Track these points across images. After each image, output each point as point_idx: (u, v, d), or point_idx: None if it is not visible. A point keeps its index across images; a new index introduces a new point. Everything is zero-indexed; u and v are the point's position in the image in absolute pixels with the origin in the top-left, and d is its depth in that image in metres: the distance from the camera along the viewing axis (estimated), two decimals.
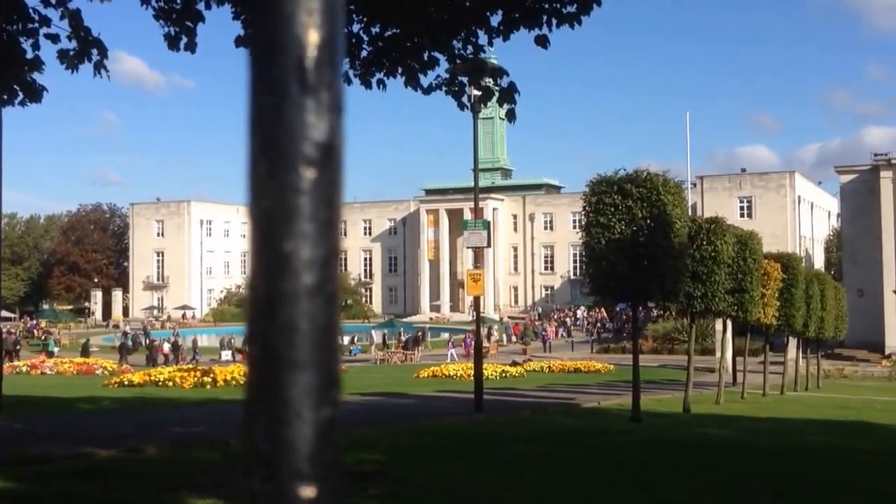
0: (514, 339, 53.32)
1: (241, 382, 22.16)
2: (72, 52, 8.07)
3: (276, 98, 0.53)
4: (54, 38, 8.04)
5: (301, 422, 0.51)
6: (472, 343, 46.76)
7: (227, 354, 43.74)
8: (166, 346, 43.50)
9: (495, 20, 8.03)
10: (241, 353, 42.84)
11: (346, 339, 48.01)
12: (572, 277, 74.00)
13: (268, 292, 0.52)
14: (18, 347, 43.45)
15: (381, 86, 8.45)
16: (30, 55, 7.93)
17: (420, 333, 49.27)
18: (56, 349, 45.91)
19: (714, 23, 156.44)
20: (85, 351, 43.30)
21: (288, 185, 0.53)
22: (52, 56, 8.06)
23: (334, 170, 0.54)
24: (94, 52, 8.16)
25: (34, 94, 8.02)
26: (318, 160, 0.53)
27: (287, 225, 0.52)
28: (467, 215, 50.87)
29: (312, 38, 0.52)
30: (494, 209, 75.37)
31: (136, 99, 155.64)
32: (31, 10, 7.94)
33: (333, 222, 0.54)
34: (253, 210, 0.54)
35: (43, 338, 53.49)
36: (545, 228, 78.61)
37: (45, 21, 7.98)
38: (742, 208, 60.26)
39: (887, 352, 44.78)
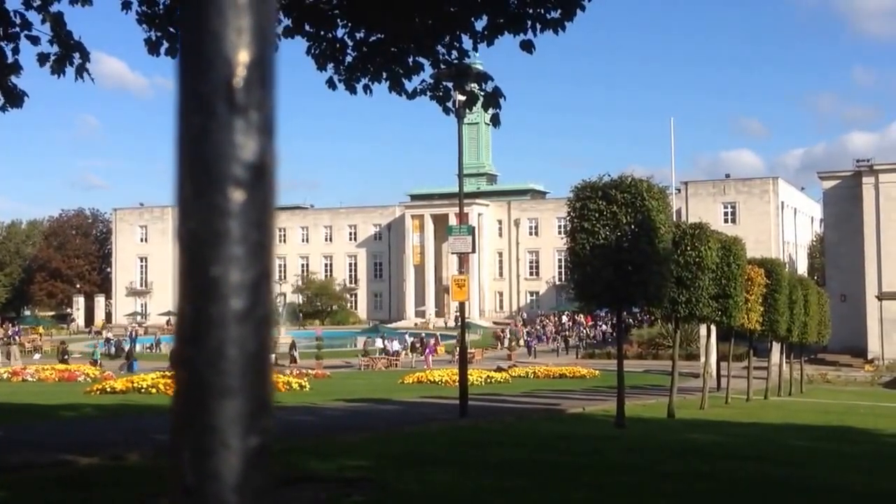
0: (521, 342, 53.47)
1: None
2: (53, 57, 8.01)
3: (204, 117, 0.51)
4: (34, 41, 7.98)
5: (227, 451, 0.49)
6: (435, 350, 47.16)
7: None
8: None
9: (479, 25, 8.05)
10: (291, 358, 44.41)
11: (387, 343, 48.20)
12: (557, 283, 74.14)
13: (195, 317, 0.50)
14: (67, 357, 42.68)
15: (368, 91, 8.45)
16: (9, 59, 7.86)
17: (416, 340, 49.56)
18: (99, 358, 43.26)
19: (701, 27, 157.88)
20: (127, 354, 40.88)
21: (216, 207, 0.51)
22: (31, 59, 8.00)
23: (265, 191, 0.53)
24: (76, 56, 8.11)
25: (15, 98, 7.95)
26: (247, 181, 0.52)
27: (215, 248, 0.51)
28: (452, 221, 50.89)
29: (242, 57, 0.51)
30: (480, 214, 75.42)
31: (117, 101, 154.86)
32: (12, 14, 7.88)
33: (265, 245, 0.52)
34: (180, 232, 0.52)
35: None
36: (530, 234, 78.74)
37: (27, 25, 7.92)
38: (726, 214, 60.70)
39: (870, 357, 45.20)
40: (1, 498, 6.68)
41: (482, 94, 8.64)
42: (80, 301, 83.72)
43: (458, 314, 27.60)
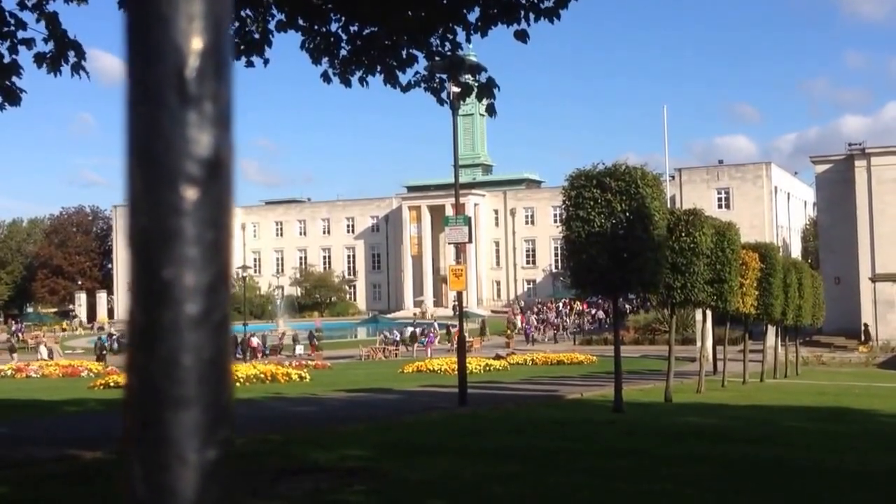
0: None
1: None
2: (49, 55, 8.06)
3: (154, 110, 0.49)
4: (29, 43, 8.03)
5: (183, 465, 0.46)
6: (436, 339, 48.18)
7: (300, 349, 45.65)
8: (255, 341, 43.94)
9: (473, 16, 8.09)
10: (311, 345, 45.35)
11: (419, 331, 48.56)
12: (554, 271, 74.31)
13: (147, 323, 0.48)
14: (105, 353, 42.78)
15: (363, 83, 8.49)
16: (7, 60, 7.91)
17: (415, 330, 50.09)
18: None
19: (693, 14, 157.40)
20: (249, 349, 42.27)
21: (167, 206, 0.48)
22: (27, 58, 8.05)
23: (221, 188, 0.50)
24: (72, 53, 8.16)
25: (13, 97, 8.00)
26: (201, 178, 0.49)
27: (167, 249, 0.48)
28: (449, 211, 50.96)
29: (195, 45, 0.48)
30: (476, 205, 75.49)
31: (114, 98, 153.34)
32: (7, 14, 7.92)
33: (221, 245, 0.49)
34: (131, 232, 0.49)
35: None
36: (526, 223, 78.81)
37: (22, 24, 7.96)
38: (720, 199, 60.69)
39: (864, 338, 45.37)
40: (7, 493, 6.76)
41: (476, 84, 8.70)
42: (81, 297, 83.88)
43: (455, 303, 27.66)
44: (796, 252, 60.75)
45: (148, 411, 0.47)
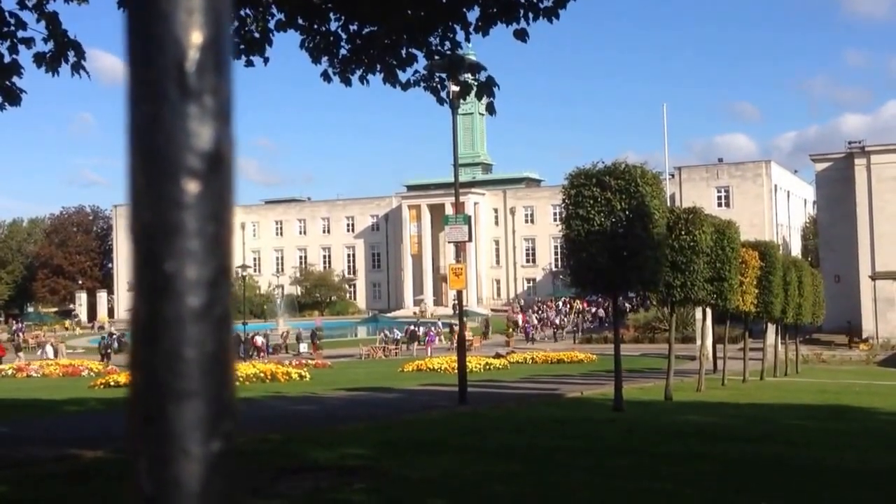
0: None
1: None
2: (48, 55, 8.06)
3: (154, 104, 0.49)
4: (28, 43, 8.03)
5: (187, 458, 0.47)
6: (436, 338, 48.55)
7: (303, 347, 46.17)
8: (259, 339, 44.12)
9: (472, 16, 8.10)
10: (313, 344, 45.74)
11: (421, 330, 48.78)
12: (554, 270, 74.35)
13: (149, 317, 0.48)
14: (109, 352, 42.80)
15: (364, 82, 8.50)
16: (7, 60, 7.92)
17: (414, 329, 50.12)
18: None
19: (693, 12, 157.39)
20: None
21: (169, 199, 0.49)
22: (27, 57, 8.06)
23: (222, 181, 0.50)
24: (72, 53, 8.17)
25: (13, 97, 8.01)
26: (202, 171, 0.49)
27: (169, 243, 0.48)
28: (449, 210, 50.97)
29: (194, 39, 0.49)
30: (476, 203, 75.51)
31: (114, 98, 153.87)
32: (7, 14, 7.93)
33: (222, 238, 0.50)
34: (133, 226, 0.50)
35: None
36: (526, 222, 78.84)
37: (22, 24, 7.97)
38: (720, 198, 60.71)
39: (864, 336, 45.41)
40: (8, 493, 6.76)
41: (475, 83, 8.71)
42: (82, 297, 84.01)
43: (455, 302, 27.67)
44: (796, 250, 60.76)
45: (151, 405, 0.47)
